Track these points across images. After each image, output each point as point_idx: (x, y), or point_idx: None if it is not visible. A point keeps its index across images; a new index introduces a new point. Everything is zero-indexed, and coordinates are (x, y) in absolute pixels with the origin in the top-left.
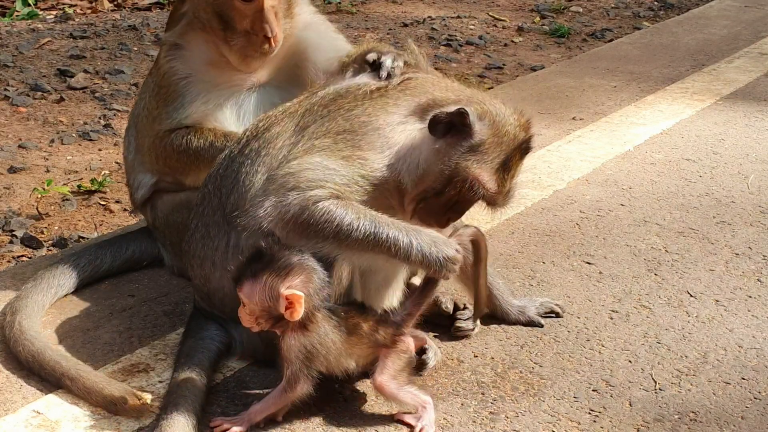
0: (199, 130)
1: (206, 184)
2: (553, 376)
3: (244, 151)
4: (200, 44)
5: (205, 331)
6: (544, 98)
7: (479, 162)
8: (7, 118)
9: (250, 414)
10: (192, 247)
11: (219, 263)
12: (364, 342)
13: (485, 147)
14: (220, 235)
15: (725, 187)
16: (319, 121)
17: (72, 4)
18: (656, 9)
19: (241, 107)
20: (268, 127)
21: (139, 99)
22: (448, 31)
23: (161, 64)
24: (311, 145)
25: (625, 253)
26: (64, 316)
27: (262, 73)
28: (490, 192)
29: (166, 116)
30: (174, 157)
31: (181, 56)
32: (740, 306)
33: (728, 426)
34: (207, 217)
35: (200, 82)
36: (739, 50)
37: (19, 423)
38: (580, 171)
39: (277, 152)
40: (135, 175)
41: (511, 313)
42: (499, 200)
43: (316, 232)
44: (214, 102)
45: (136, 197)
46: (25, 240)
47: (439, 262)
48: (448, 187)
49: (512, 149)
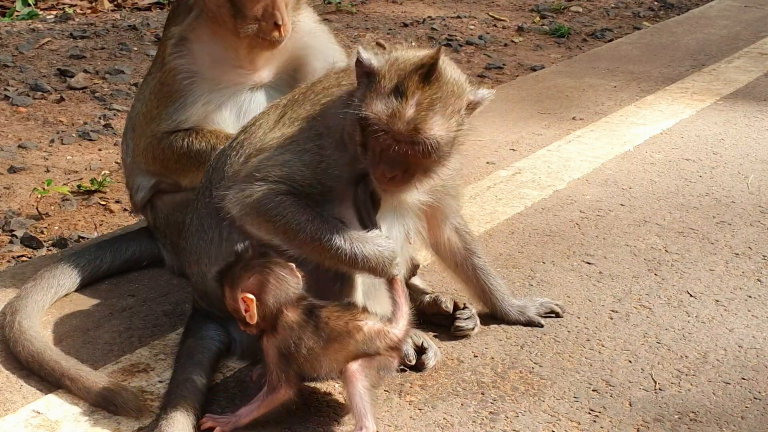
0: (200, 133)
1: (201, 179)
2: (553, 376)
3: (233, 144)
4: (208, 38)
5: (205, 331)
6: (544, 98)
7: (373, 92)
8: (7, 118)
9: (237, 416)
10: (189, 242)
11: (214, 257)
12: (351, 349)
13: (380, 79)
14: (213, 227)
15: (725, 187)
16: (293, 107)
17: (72, 4)
18: (656, 9)
19: (241, 108)
20: (254, 121)
21: (137, 100)
22: (448, 31)
23: (166, 61)
24: (281, 134)
25: (625, 253)
26: (64, 316)
27: (264, 74)
28: (381, 117)
29: (165, 117)
30: (173, 159)
31: (187, 52)
32: (740, 306)
33: (728, 426)
34: (201, 209)
35: (204, 82)
36: (739, 50)
37: (19, 423)
38: (580, 171)
39: (257, 141)
40: (134, 177)
41: (511, 313)
42: (401, 128)
43: (267, 223)
44: (215, 103)
45: (136, 200)
46: (25, 240)
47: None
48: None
49: (408, 73)
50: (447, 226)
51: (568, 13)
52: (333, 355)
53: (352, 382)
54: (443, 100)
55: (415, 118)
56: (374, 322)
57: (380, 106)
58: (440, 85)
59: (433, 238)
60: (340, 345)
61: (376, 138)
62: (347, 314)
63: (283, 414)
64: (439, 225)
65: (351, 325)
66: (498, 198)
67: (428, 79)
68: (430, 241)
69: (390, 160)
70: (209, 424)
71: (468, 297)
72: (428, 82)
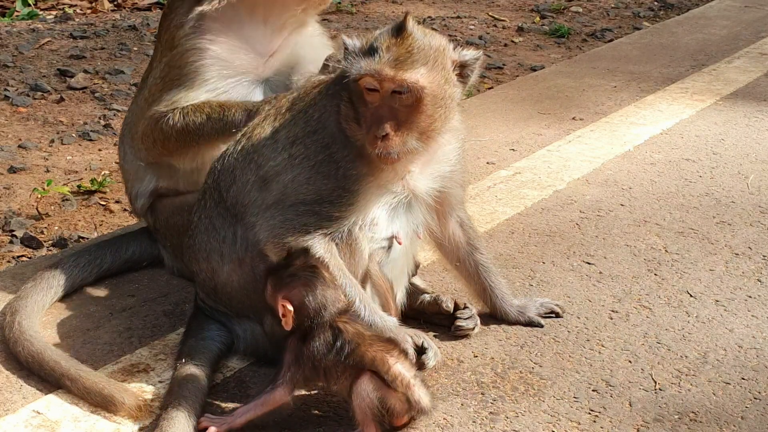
0: (194, 106)
1: (206, 179)
2: (553, 376)
3: (237, 147)
4: (233, 22)
5: (206, 331)
6: (544, 98)
7: (353, 58)
8: (7, 118)
9: (233, 416)
10: (197, 240)
11: (227, 255)
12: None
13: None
14: (226, 227)
15: (725, 187)
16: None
17: (72, 4)
18: (656, 9)
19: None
20: (254, 127)
21: (137, 96)
22: (448, 31)
23: (179, 43)
24: (289, 155)
25: (625, 253)
26: (64, 316)
27: (269, 68)
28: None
29: (166, 99)
30: (173, 137)
31: (208, 30)
32: (740, 306)
33: (728, 426)
34: (210, 209)
35: (215, 66)
36: (739, 50)
37: (19, 423)
38: (580, 171)
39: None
40: (133, 183)
41: (511, 313)
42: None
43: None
44: (218, 91)
45: (137, 206)
46: (25, 240)
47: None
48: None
49: (380, 34)
50: (452, 218)
51: (568, 13)
52: (348, 377)
53: (361, 391)
54: (421, 51)
55: (395, 62)
56: (406, 369)
57: (360, 62)
58: (414, 38)
59: (439, 232)
60: (358, 370)
61: (363, 100)
62: (380, 345)
63: (283, 414)
64: (445, 217)
65: (380, 357)
66: (498, 198)
67: (401, 34)
68: (437, 234)
69: (378, 118)
70: (205, 424)
71: (468, 296)
72: (402, 38)
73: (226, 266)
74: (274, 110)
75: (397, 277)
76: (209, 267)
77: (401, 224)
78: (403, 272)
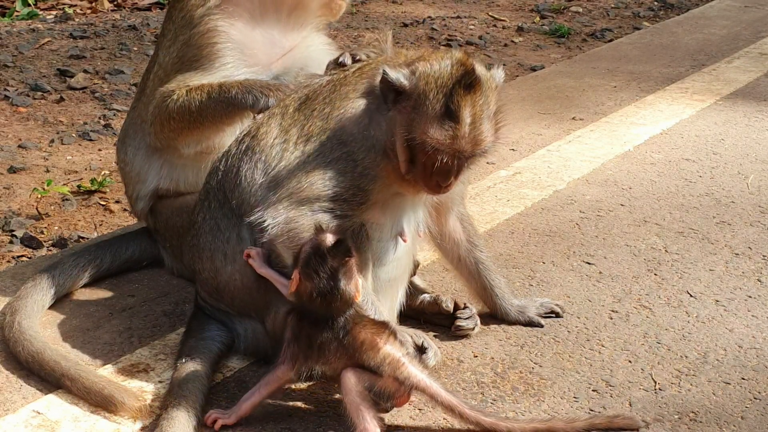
0: (196, 86)
1: (208, 180)
2: (553, 376)
3: (241, 147)
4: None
5: (207, 331)
6: (544, 98)
7: (421, 116)
8: (7, 118)
9: (238, 404)
10: (201, 240)
11: (231, 255)
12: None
13: (421, 98)
14: (231, 227)
15: (725, 187)
16: (301, 123)
17: (72, 4)
18: (656, 9)
19: None
20: (258, 126)
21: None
22: (448, 31)
23: (202, 22)
24: (302, 152)
25: (625, 253)
26: (64, 316)
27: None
28: (442, 143)
29: (180, 78)
30: (176, 117)
31: (230, 13)
32: (740, 306)
33: (728, 426)
34: (214, 210)
35: (235, 52)
36: (739, 50)
37: (19, 423)
38: (580, 171)
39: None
40: (133, 186)
41: (511, 313)
42: (464, 147)
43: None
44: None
45: (137, 209)
46: (25, 240)
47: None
48: (415, 152)
49: (450, 89)
50: (452, 214)
51: (568, 13)
52: (340, 358)
53: (346, 386)
54: (488, 102)
55: (474, 135)
56: (395, 349)
57: (438, 130)
58: (482, 89)
59: (439, 228)
60: (350, 351)
61: (430, 157)
62: (372, 328)
63: (283, 414)
64: (446, 213)
65: (370, 339)
66: (498, 198)
67: (473, 89)
68: (436, 231)
69: (445, 173)
70: (215, 416)
71: (468, 296)
72: (473, 91)
73: (229, 265)
74: (279, 109)
75: (400, 276)
76: (212, 266)
77: (406, 222)
78: (405, 270)
